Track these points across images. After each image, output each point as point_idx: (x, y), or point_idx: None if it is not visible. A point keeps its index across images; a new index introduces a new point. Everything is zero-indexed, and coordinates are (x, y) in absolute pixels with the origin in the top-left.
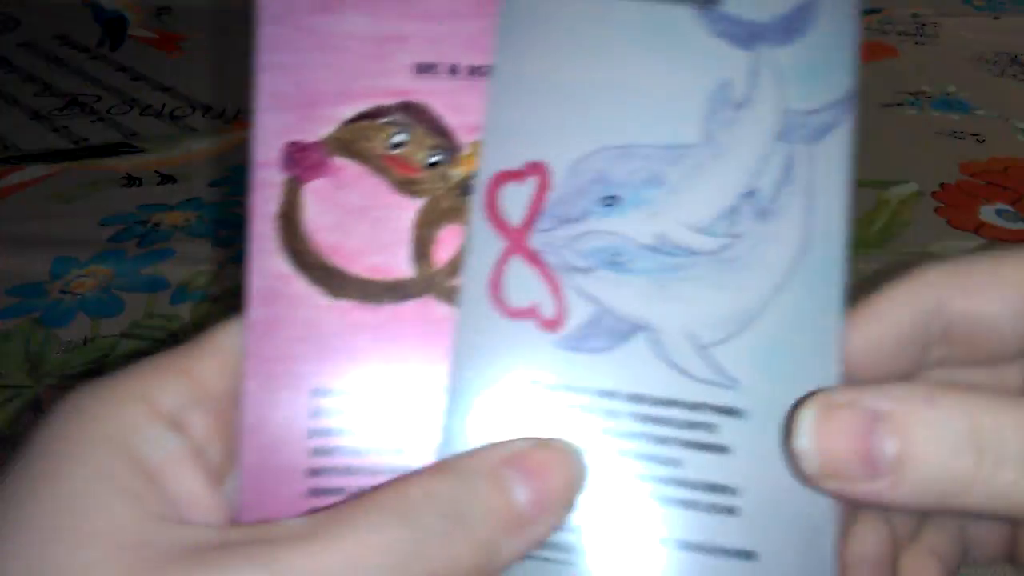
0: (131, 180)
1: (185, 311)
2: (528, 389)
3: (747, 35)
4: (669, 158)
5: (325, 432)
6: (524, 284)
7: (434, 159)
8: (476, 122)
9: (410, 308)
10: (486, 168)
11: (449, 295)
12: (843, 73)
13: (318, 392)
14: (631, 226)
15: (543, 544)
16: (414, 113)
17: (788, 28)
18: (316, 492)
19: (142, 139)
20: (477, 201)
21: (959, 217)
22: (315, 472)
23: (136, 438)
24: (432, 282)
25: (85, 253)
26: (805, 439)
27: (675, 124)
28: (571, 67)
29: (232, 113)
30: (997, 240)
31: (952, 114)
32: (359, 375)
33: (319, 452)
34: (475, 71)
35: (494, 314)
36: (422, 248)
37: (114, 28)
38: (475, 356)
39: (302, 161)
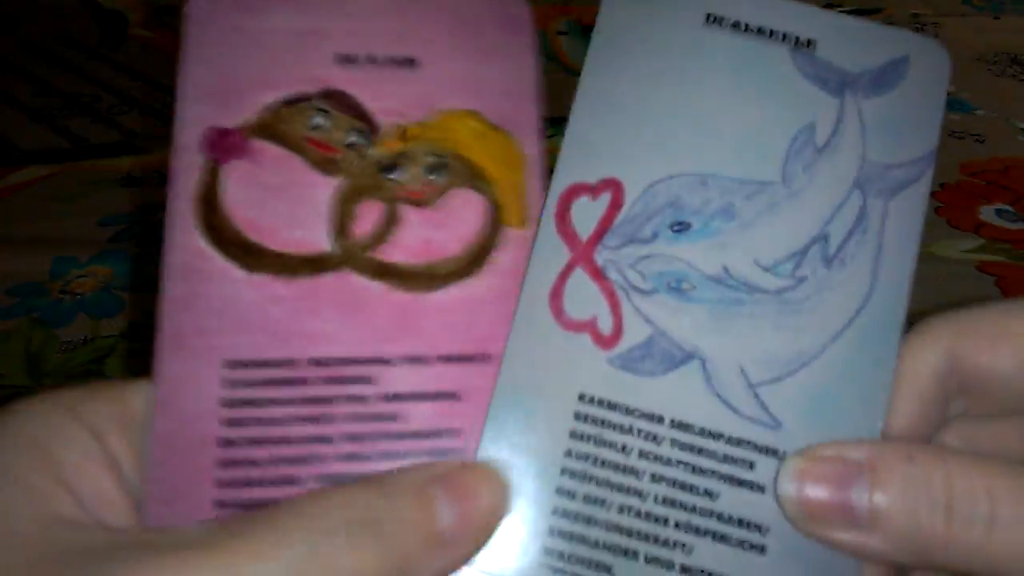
0: (131, 180)
1: None
2: (575, 401)
3: (837, 82)
4: (745, 192)
5: (238, 402)
6: (584, 297)
7: (353, 140)
8: (395, 106)
9: (328, 281)
10: (561, 179)
11: (367, 267)
12: (927, 132)
13: (232, 364)
14: (698, 255)
15: (461, 566)
16: (334, 98)
17: (878, 81)
18: (227, 463)
19: (142, 139)
20: (548, 210)
21: (959, 217)
22: (227, 443)
23: (55, 440)
24: (350, 255)
25: (85, 253)
26: (788, 485)
27: (755, 160)
28: (658, 91)
29: None
30: (997, 240)
31: (952, 114)
32: (275, 346)
33: (231, 423)
34: (394, 61)
35: (552, 323)
36: (340, 223)
37: (114, 28)
38: (527, 361)
39: (221, 144)
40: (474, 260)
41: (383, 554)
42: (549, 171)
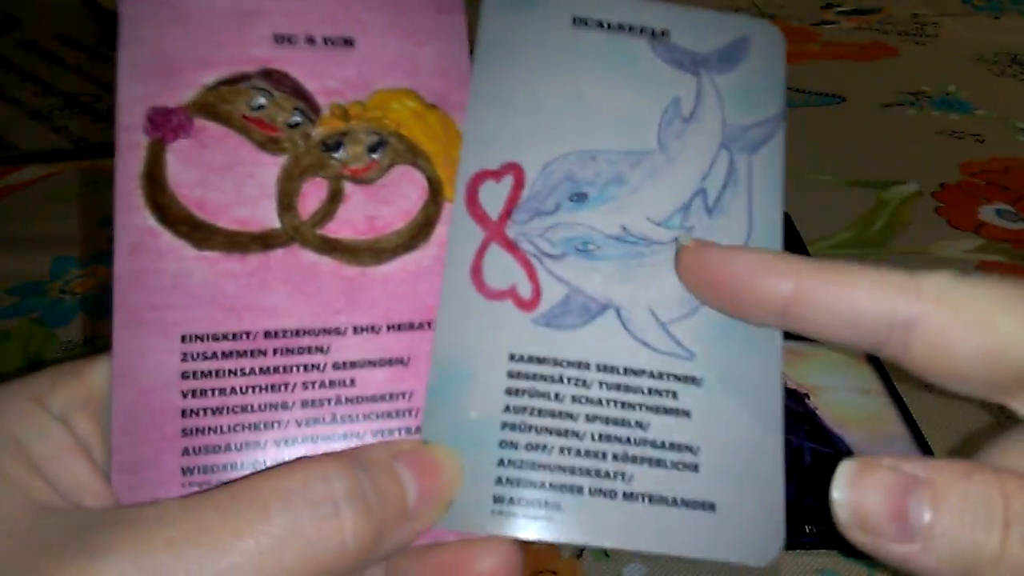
0: None
1: None
2: (507, 360)
3: (692, 62)
4: (630, 162)
5: (197, 374)
6: (502, 269)
7: (295, 120)
8: (334, 86)
9: (278, 256)
10: (466, 168)
11: (315, 243)
12: (774, 96)
13: (189, 338)
14: (598, 219)
15: (420, 535)
16: (274, 78)
17: (726, 58)
18: (189, 432)
19: None
20: (459, 196)
21: (959, 217)
22: (188, 412)
23: (25, 432)
24: (298, 232)
25: (85, 253)
26: (841, 490)
27: (634, 133)
28: (542, 83)
29: None
30: (997, 240)
31: (952, 114)
32: (230, 320)
33: (192, 394)
34: (330, 41)
35: (476, 296)
36: (287, 200)
37: (114, 28)
38: (458, 333)
39: (165, 124)
40: (417, 234)
41: (364, 526)
42: None
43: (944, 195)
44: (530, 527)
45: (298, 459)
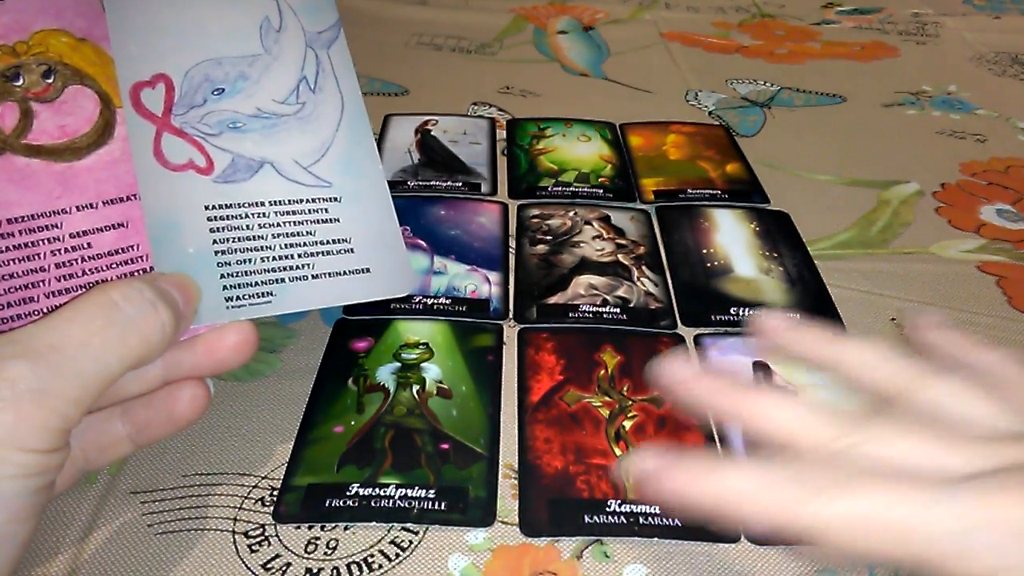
0: None
1: None
2: (203, 210)
3: None
4: (247, 62)
5: None
6: (178, 149)
7: None
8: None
9: None
10: (125, 81)
11: (23, 150)
12: (329, 9)
13: None
14: (237, 104)
15: (187, 327)
16: None
17: None
18: None
19: None
20: (126, 103)
21: (960, 217)
22: None
23: None
24: (7, 144)
25: None
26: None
27: (244, 43)
28: (166, 12)
29: None
30: (998, 240)
31: (953, 114)
32: None
33: None
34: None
35: (163, 171)
36: None
37: None
38: (158, 198)
39: None
40: (102, 133)
41: (172, 316)
42: None
43: (945, 195)
44: (256, 311)
45: (98, 286)
